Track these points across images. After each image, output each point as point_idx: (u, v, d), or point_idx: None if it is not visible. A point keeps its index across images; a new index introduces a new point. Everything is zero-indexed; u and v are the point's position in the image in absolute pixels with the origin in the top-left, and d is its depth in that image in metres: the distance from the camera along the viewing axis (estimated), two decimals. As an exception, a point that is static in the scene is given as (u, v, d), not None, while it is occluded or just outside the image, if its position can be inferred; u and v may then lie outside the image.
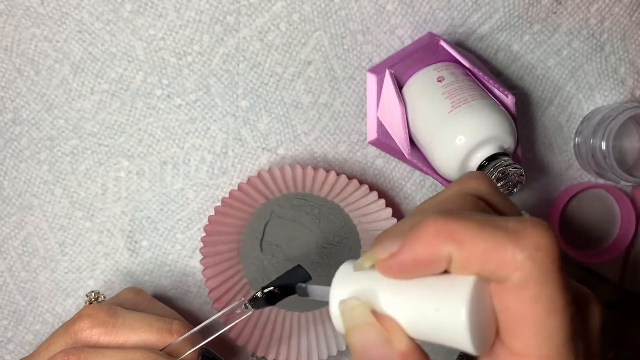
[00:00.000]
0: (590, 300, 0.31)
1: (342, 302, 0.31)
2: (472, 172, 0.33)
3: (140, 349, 0.40)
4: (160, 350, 0.41)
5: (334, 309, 0.31)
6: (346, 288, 0.31)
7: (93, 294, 0.51)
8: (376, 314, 0.30)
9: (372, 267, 0.30)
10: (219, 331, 0.41)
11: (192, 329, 0.43)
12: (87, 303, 0.51)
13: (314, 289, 0.35)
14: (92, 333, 0.41)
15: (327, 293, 0.32)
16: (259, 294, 0.38)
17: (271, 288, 0.37)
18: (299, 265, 0.40)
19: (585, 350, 0.29)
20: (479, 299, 0.28)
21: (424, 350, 0.30)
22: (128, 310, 0.43)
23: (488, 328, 0.29)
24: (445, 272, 0.29)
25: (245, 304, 0.39)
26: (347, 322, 0.30)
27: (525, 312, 0.27)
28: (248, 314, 0.41)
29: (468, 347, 0.28)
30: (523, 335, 0.28)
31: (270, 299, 0.37)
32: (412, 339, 0.29)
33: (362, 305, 0.30)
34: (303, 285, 0.35)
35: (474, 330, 0.27)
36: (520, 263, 0.27)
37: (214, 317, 0.42)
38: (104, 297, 0.51)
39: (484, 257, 0.27)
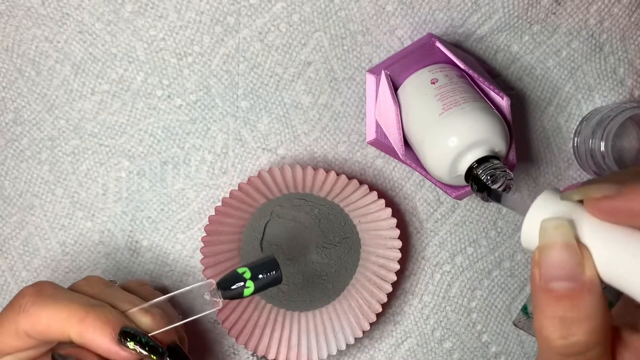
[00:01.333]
0: None
1: (548, 220, 0.32)
2: None
3: (103, 303, 0.41)
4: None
5: (531, 223, 0.33)
6: (546, 209, 0.33)
7: (111, 281, 0.51)
8: (578, 241, 0.31)
9: (579, 202, 0.32)
10: (195, 316, 0.43)
11: (169, 322, 0.43)
12: None
13: (510, 199, 0.37)
14: (80, 289, 0.43)
15: (524, 208, 0.34)
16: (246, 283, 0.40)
17: (272, 273, 0.39)
18: (274, 259, 0.41)
19: None
20: None
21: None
22: (122, 289, 0.44)
23: None
24: None
25: (213, 288, 0.41)
26: (547, 238, 0.32)
27: None
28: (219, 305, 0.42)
29: None
30: None
31: (266, 285, 0.40)
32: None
33: (568, 226, 0.32)
34: (499, 191, 0.38)
35: None
36: None
37: (180, 291, 0.43)
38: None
39: None
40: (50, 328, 0.39)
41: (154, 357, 0.40)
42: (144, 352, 0.40)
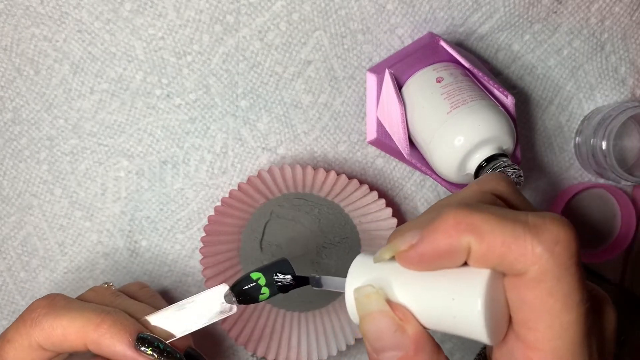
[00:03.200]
0: (606, 301, 0.31)
1: (357, 290, 0.32)
2: (490, 174, 0.33)
3: (117, 309, 0.40)
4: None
5: (349, 297, 0.32)
6: (361, 278, 0.32)
7: (106, 285, 0.51)
8: (390, 303, 0.31)
9: (392, 258, 0.31)
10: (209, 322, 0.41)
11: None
12: None
13: (328, 280, 0.36)
14: (90, 300, 0.42)
15: (341, 284, 0.33)
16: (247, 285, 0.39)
17: (287, 277, 0.38)
18: (285, 259, 0.40)
19: (599, 349, 0.29)
20: (493, 290, 0.29)
21: (435, 339, 0.31)
22: (130, 298, 0.44)
23: (501, 320, 0.29)
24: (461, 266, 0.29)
25: (227, 292, 0.40)
26: (362, 309, 0.31)
27: (541, 305, 0.27)
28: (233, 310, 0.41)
29: (483, 336, 0.28)
30: (537, 328, 0.28)
31: (283, 289, 0.38)
32: (424, 327, 0.30)
33: (377, 292, 0.31)
34: (317, 276, 0.36)
35: (488, 320, 0.28)
36: (538, 256, 0.27)
37: (193, 297, 0.42)
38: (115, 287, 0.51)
39: (503, 249, 0.27)
40: (66, 338, 0.39)
41: None
42: (162, 359, 0.39)
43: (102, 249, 0.54)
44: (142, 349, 0.39)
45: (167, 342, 0.40)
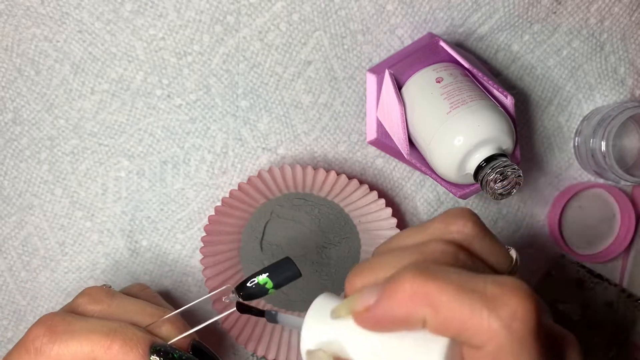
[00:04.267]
0: (572, 345, 0.30)
1: (310, 353, 0.31)
2: (457, 211, 0.32)
3: (122, 322, 0.40)
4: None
5: (303, 353, 0.32)
6: (318, 329, 0.32)
7: (104, 286, 0.51)
8: None
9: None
10: (210, 320, 0.41)
11: (186, 325, 0.42)
12: None
13: (286, 318, 0.35)
14: (87, 309, 0.41)
15: (298, 324, 0.33)
16: (250, 284, 0.39)
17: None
18: (288, 258, 0.40)
19: None
20: (452, 357, 0.28)
21: None
22: (125, 295, 0.44)
23: None
24: None
25: (232, 292, 0.40)
26: None
27: None
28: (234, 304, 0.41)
29: None
30: None
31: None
32: None
33: (327, 356, 0.31)
34: (273, 312, 0.36)
35: None
36: (495, 332, 0.26)
37: (198, 300, 0.43)
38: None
39: (460, 323, 0.27)
40: None
41: None
42: None
43: (102, 248, 0.54)
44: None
45: (173, 340, 0.40)
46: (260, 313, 0.36)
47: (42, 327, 0.39)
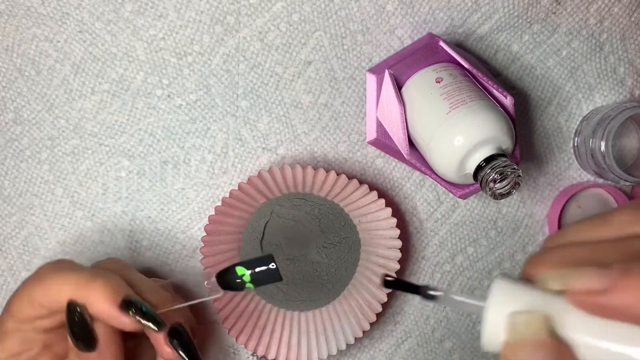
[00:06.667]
0: None
1: (518, 314, 0.28)
2: None
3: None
4: None
5: (494, 322, 0.28)
6: (512, 304, 0.28)
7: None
8: (555, 339, 0.27)
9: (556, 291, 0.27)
10: (200, 299, 0.44)
11: (175, 297, 0.44)
12: None
13: (453, 300, 0.31)
14: (43, 270, 0.44)
15: (473, 305, 0.30)
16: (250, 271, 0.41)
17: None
18: (271, 256, 0.41)
19: None
20: None
21: None
22: (85, 266, 0.46)
23: None
24: None
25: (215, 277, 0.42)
26: (517, 336, 0.27)
27: None
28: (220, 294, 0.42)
29: None
30: None
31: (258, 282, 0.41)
32: None
33: (543, 321, 0.27)
34: (432, 291, 0.31)
35: None
36: None
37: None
38: None
39: None
40: (60, 295, 0.40)
41: (153, 326, 0.40)
42: (143, 321, 0.40)
43: (103, 248, 0.54)
44: (127, 311, 0.40)
45: (161, 311, 0.42)
46: (414, 289, 0.31)
47: (52, 262, 0.44)
